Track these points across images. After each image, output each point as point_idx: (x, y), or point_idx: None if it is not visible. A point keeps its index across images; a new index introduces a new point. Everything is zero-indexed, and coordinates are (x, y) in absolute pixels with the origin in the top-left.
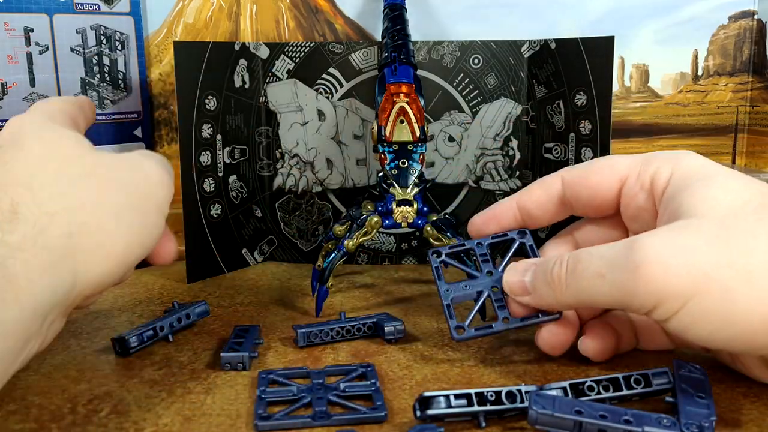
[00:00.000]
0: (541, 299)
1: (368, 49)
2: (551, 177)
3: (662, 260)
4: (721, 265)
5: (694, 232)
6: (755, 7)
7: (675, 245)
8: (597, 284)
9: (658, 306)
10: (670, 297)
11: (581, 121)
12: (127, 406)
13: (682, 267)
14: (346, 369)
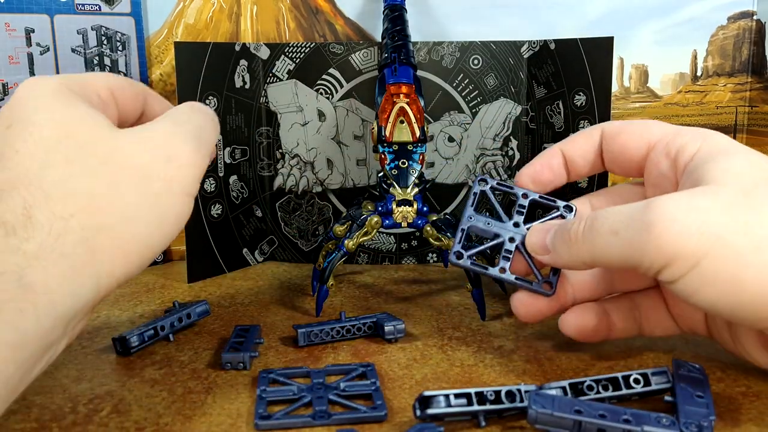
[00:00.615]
0: (559, 257)
1: (368, 50)
2: (594, 128)
3: (676, 219)
4: (735, 231)
5: (711, 196)
6: (754, 8)
7: (690, 206)
8: (611, 242)
9: (668, 266)
10: (680, 257)
11: (581, 122)
12: (127, 406)
13: (695, 227)
14: (346, 368)
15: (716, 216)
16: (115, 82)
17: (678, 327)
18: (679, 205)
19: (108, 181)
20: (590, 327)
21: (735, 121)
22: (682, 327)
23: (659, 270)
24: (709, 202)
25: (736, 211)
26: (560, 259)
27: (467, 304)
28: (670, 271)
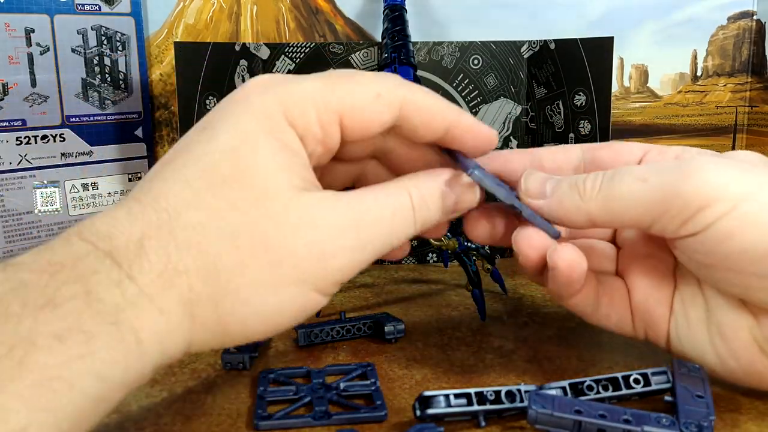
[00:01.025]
0: (560, 205)
1: (368, 50)
2: (571, 145)
3: (717, 164)
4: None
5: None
6: (754, 8)
7: (724, 162)
8: (636, 188)
9: (705, 208)
10: (721, 198)
11: (581, 122)
12: (127, 405)
13: (738, 172)
14: (346, 368)
15: (748, 172)
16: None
17: (632, 324)
18: (713, 158)
19: (239, 252)
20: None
21: (735, 121)
22: (636, 324)
23: (690, 217)
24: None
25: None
26: (561, 207)
27: (467, 304)
28: (705, 215)
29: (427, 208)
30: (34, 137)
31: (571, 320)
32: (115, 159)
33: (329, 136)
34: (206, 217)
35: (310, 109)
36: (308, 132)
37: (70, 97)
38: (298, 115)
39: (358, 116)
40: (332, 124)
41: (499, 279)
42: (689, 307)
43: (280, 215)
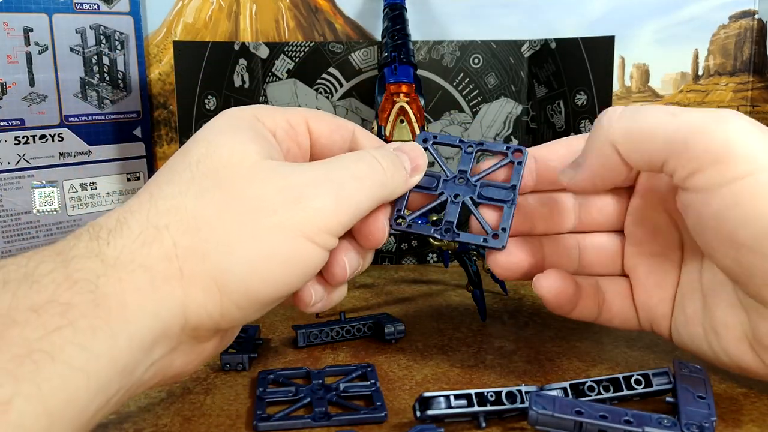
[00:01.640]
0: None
1: (368, 49)
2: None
3: (750, 124)
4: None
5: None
6: (756, 7)
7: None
8: (664, 119)
9: (720, 164)
10: (741, 158)
11: (582, 121)
12: (126, 407)
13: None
14: (345, 369)
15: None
16: (313, 113)
17: (638, 320)
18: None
19: (216, 205)
20: (566, 293)
21: None
22: (642, 319)
23: (703, 167)
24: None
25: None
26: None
27: (467, 305)
28: (718, 171)
29: (393, 169)
30: (33, 137)
31: (572, 321)
32: (114, 159)
33: (300, 134)
34: (183, 186)
35: (279, 114)
36: (278, 128)
37: (69, 96)
38: (267, 116)
39: (324, 122)
40: (300, 124)
41: (499, 279)
42: (688, 302)
43: (251, 172)
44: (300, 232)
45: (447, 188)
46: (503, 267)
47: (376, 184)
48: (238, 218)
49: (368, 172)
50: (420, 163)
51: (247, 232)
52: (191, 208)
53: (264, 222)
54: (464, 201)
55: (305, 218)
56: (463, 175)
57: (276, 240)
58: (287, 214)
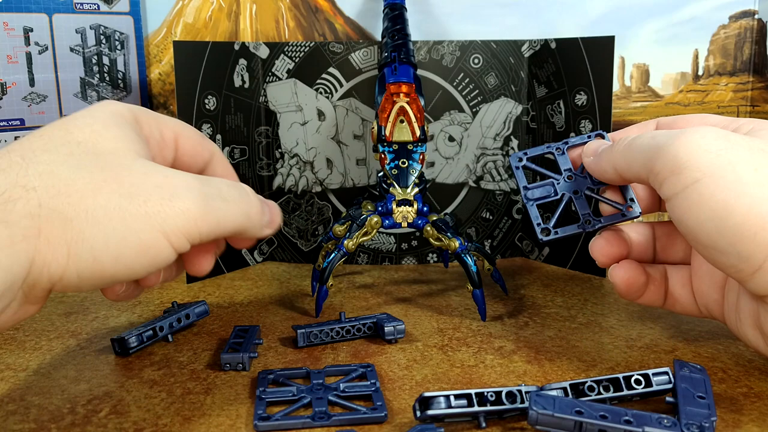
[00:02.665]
0: (599, 160)
1: (368, 49)
2: (648, 121)
3: (703, 137)
4: (748, 164)
5: (745, 139)
6: (756, 7)
7: (719, 135)
8: (646, 143)
9: (674, 174)
10: (688, 168)
11: (581, 121)
12: (126, 407)
13: (713, 148)
14: (346, 369)
15: (738, 149)
16: (183, 129)
17: (697, 306)
18: (713, 132)
19: (93, 180)
20: (636, 281)
21: None
22: (700, 305)
23: (665, 179)
24: (741, 140)
25: (759, 154)
26: (600, 161)
27: (467, 305)
28: (673, 181)
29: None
30: None
31: (572, 321)
32: None
33: (167, 148)
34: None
35: (154, 123)
36: (152, 137)
37: (69, 96)
38: (145, 122)
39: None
40: (170, 138)
41: (499, 279)
42: (729, 292)
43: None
44: (161, 227)
45: (564, 189)
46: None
47: (242, 212)
48: (111, 197)
49: (238, 199)
50: (276, 221)
51: (115, 211)
52: (65, 176)
53: (133, 208)
54: (585, 192)
55: (170, 216)
56: (570, 172)
57: (138, 227)
58: (157, 207)
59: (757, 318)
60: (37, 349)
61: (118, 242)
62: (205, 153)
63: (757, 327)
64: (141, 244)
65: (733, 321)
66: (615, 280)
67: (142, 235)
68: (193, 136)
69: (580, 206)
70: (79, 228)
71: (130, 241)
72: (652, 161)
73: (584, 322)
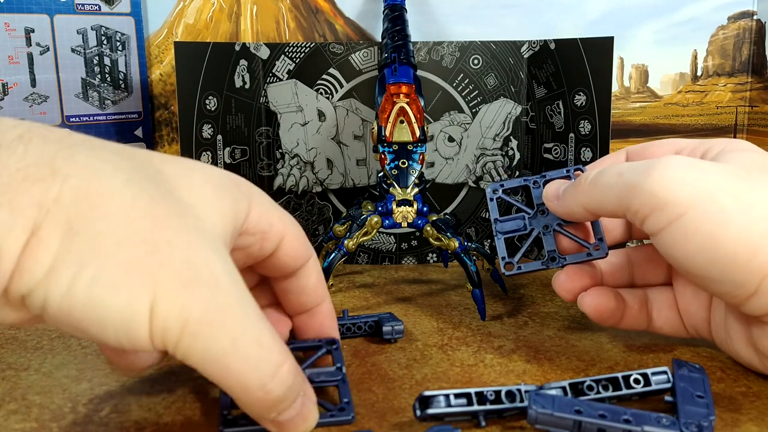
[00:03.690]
0: (565, 201)
1: (368, 50)
2: (618, 152)
3: (676, 169)
4: (727, 192)
5: (715, 166)
6: (755, 8)
7: (692, 165)
8: (613, 181)
9: (656, 212)
10: (669, 204)
11: (581, 122)
12: (127, 406)
13: (690, 180)
14: (309, 345)
15: (713, 179)
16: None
17: (684, 327)
18: (683, 162)
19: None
20: (606, 307)
21: (735, 121)
22: (687, 326)
23: (646, 216)
24: (711, 167)
25: (732, 180)
26: (565, 203)
27: (467, 304)
28: (657, 218)
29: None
30: None
31: (571, 320)
32: None
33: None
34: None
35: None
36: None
37: (70, 96)
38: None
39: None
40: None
41: (499, 279)
42: (715, 311)
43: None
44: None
45: (534, 224)
46: (568, 290)
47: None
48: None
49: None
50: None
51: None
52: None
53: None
54: (555, 228)
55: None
56: (541, 207)
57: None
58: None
59: (749, 337)
60: (38, 349)
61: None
62: (306, 256)
63: (750, 345)
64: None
65: (722, 339)
66: (583, 308)
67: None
68: (300, 236)
69: (547, 242)
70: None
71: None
72: (628, 200)
73: (583, 321)
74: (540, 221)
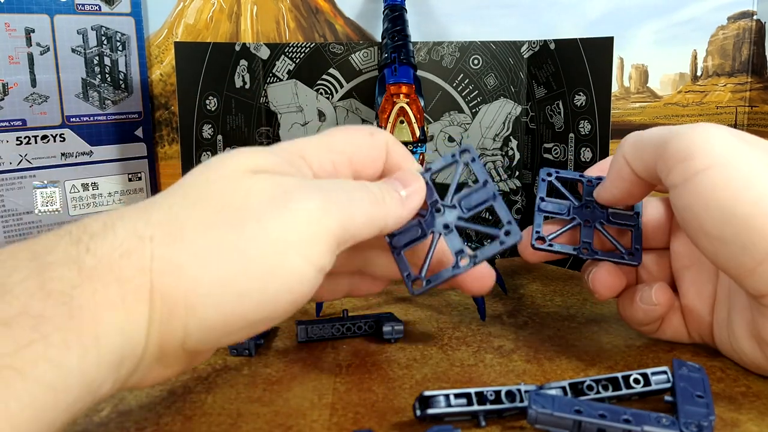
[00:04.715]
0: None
1: (368, 50)
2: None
3: (717, 129)
4: (759, 159)
5: (755, 138)
6: (754, 8)
7: (733, 132)
8: (656, 132)
9: (688, 159)
10: (703, 153)
11: (581, 122)
12: (128, 406)
13: (728, 140)
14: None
15: (750, 146)
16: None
17: (687, 330)
18: (724, 127)
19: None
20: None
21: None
22: (690, 329)
23: (678, 162)
24: (752, 139)
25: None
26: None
27: (467, 304)
28: (686, 165)
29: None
30: (35, 137)
31: (571, 320)
32: (115, 159)
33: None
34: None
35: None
36: (322, 170)
37: (70, 97)
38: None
39: (363, 155)
40: (344, 164)
41: (499, 279)
42: (720, 309)
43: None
44: (284, 241)
45: (577, 214)
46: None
47: (368, 200)
48: (222, 228)
49: (358, 189)
50: (414, 187)
51: (227, 242)
52: (183, 217)
53: (247, 231)
54: (596, 225)
55: (291, 222)
56: (588, 203)
57: (257, 250)
58: (272, 221)
59: (753, 326)
60: None
61: (237, 276)
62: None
63: (753, 336)
64: (265, 269)
65: (725, 339)
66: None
67: (264, 258)
68: (365, 144)
69: (585, 234)
70: (192, 273)
71: (250, 271)
72: (664, 147)
73: (583, 321)
74: (584, 213)
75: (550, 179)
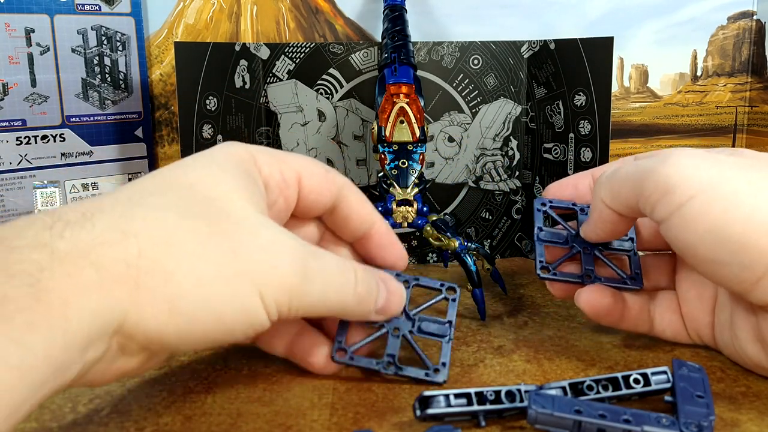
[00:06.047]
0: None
1: (368, 50)
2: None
3: (690, 157)
4: (739, 177)
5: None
6: (754, 8)
7: (707, 155)
8: (630, 170)
9: (668, 194)
10: (682, 186)
11: (581, 122)
12: (127, 405)
13: (704, 167)
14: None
15: (725, 165)
16: (306, 166)
17: (686, 331)
18: (696, 151)
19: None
20: (602, 305)
21: (735, 121)
22: (689, 331)
23: (658, 199)
24: (724, 158)
25: (746, 168)
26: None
27: (467, 304)
28: (668, 200)
29: (365, 291)
30: (34, 137)
31: (571, 320)
32: (116, 159)
33: (290, 188)
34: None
35: (275, 164)
36: (272, 179)
37: (70, 97)
38: (265, 164)
39: (315, 178)
40: (293, 179)
41: (499, 279)
42: (722, 311)
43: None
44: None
45: (575, 242)
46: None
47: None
48: (215, 253)
49: (338, 275)
50: (392, 308)
51: (218, 269)
52: (171, 224)
53: (239, 267)
54: (595, 252)
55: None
56: None
57: (240, 289)
58: (260, 270)
59: (757, 331)
60: None
61: (219, 303)
62: (333, 188)
63: (758, 340)
64: (242, 307)
65: (727, 341)
66: (580, 304)
67: (243, 298)
68: (318, 171)
69: (585, 261)
70: (180, 284)
71: (230, 303)
72: (641, 185)
73: (583, 321)
74: (581, 242)
75: (544, 209)
